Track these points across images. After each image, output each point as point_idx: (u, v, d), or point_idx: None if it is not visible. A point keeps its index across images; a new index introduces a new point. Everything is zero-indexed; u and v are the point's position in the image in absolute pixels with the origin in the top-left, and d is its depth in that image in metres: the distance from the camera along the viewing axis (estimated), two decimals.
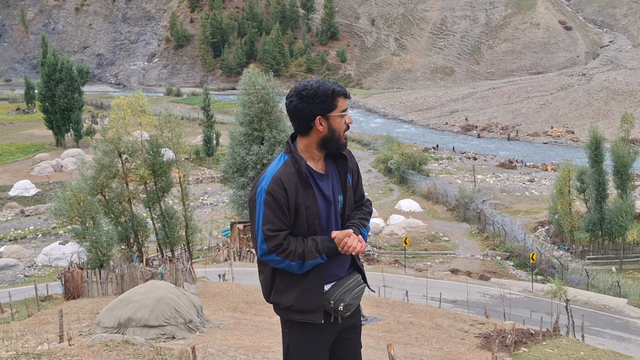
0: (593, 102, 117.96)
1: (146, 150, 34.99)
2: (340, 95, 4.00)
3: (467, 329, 20.38)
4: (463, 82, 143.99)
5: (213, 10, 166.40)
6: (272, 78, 45.03)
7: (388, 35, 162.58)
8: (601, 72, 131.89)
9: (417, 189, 64.52)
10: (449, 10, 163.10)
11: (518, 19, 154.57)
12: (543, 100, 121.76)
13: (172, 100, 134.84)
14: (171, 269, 24.17)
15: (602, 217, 48.24)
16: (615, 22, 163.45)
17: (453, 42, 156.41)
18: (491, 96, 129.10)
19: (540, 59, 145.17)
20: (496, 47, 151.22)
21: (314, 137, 4.05)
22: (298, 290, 4.06)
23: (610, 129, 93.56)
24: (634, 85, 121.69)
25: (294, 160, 4.01)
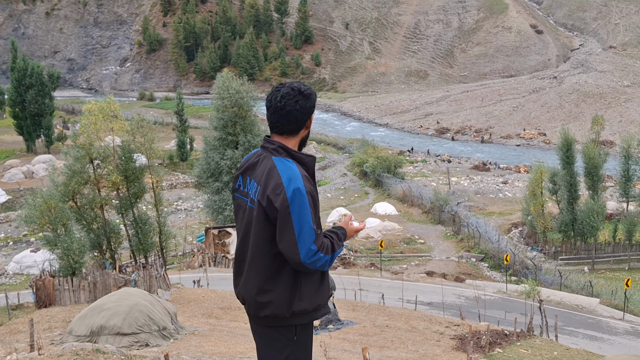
0: (564, 104, 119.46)
1: (118, 156, 34.63)
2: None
3: (442, 330, 20.44)
4: (437, 85, 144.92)
5: (186, 14, 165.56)
6: (246, 82, 44.92)
7: (362, 39, 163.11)
8: (572, 75, 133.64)
9: (392, 192, 64.73)
10: (422, 15, 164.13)
11: (490, 23, 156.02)
12: (515, 103, 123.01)
13: (145, 105, 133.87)
14: (145, 275, 23.92)
15: (574, 218, 48.80)
16: (586, 25, 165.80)
17: (426, 45, 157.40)
18: (465, 99, 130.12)
19: (513, 62, 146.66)
20: (469, 50, 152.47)
21: (298, 137, 4.11)
22: (322, 288, 4.16)
23: (581, 131, 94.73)
24: (604, 88, 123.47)
25: (307, 158, 4.13)
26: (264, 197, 3.95)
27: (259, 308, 4.11)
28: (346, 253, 43.96)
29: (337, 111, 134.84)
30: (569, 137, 50.39)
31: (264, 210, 3.96)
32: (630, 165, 51.45)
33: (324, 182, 76.14)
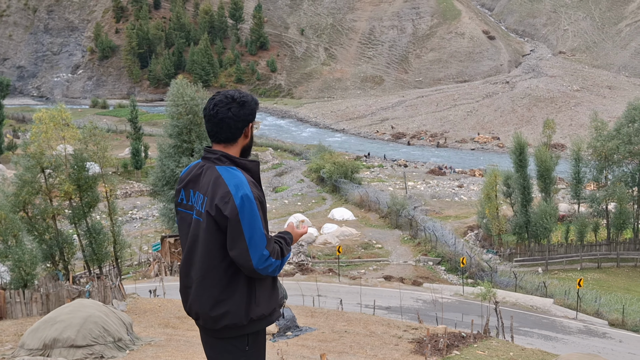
0: (517, 108, 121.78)
1: (70, 165, 34.00)
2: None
3: (400, 334, 20.53)
4: (392, 90, 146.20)
5: (139, 20, 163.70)
6: (201, 89, 44.60)
7: (318, 45, 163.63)
8: (524, 79, 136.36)
9: (349, 197, 64.96)
10: (377, 21, 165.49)
11: (444, 29, 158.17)
12: (469, 108, 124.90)
13: (97, 113, 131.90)
14: (99, 286, 23.47)
15: (528, 220, 49.69)
16: (536, 31, 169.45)
17: (382, 51, 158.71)
18: (420, 104, 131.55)
19: (466, 67, 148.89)
20: (423, 56, 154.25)
21: (239, 146, 4.10)
22: (275, 292, 4.17)
23: (534, 135, 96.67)
24: (554, 92, 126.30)
25: (251, 164, 4.11)
26: (212, 206, 3.92)
27: (216, 320, 4.06)
28: (304, 259, 43.91)
29: (293, 117, 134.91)
30: (522, 141, 51.34)
31: (214, 220, 3.93)
32: (581, 168, 52.64)
33: (281, 188, 76.01)
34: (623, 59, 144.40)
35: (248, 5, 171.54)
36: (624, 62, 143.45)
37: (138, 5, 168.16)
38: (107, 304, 20.86)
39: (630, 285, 44.62)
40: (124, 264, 40.51)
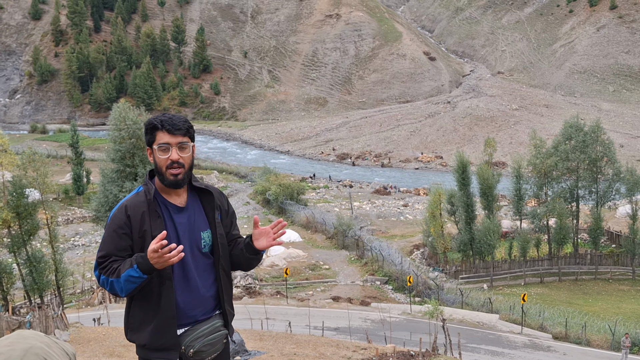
0: (458, 128, 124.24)
1: (9, 192, 33.05)
2: (159, 130, 3.98)
3: (350, 355, 20.51)
4: (336, 112, 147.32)
5: (79, 44, 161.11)
6: (143, 112, 44.11)
7: (261, 67, 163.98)
8: (464, 99, 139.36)
9: (296, 218, 64.89)
10: (320, 43, 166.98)
11: (385, 51, 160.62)
12: (412, 128, 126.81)
13: (37, 138, 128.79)
14: (40, 316, 22.77)
15: (472, 237, 50.48)
16: (475, 52, 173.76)
17: (325, 73, 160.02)
18: (364, 125, 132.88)
19: (408, 88, 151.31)
20: (366, 77, 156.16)
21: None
22: (150, 328, 3.97)
23: (475, 153, 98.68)
24: (494, 112, 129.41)
25: (146, 189, 4.00)
26: None
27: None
28: (251, 282, 43.57)
29: (237, 139, 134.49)
30: (464, 160, 52.28)
31: None
32: (522, 185, 53.89)
33: None
34: (559, 78, 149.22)
35: (190, 28, 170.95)
36: (559, 81, 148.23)
37: (78, 28, 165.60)
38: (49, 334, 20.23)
39: (572, 298, 45.75)
40: (66, 292, 39.43)
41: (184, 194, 4.09)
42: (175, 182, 3.96)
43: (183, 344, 3.96)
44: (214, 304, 4.14)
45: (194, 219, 4.08)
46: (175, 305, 3.96)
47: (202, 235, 4.08)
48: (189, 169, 4.03)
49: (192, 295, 4.03)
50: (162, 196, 4.03)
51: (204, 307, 4.08)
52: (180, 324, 4.01)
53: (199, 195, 4.14)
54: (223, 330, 4.12)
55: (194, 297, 4.03)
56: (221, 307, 4.17)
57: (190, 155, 4.04)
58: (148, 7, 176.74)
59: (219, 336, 4.06)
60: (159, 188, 4.04)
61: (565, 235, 51.59)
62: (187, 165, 4.00)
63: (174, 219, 4.01)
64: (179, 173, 3.95)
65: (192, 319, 4.04)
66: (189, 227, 4.04)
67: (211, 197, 4.13)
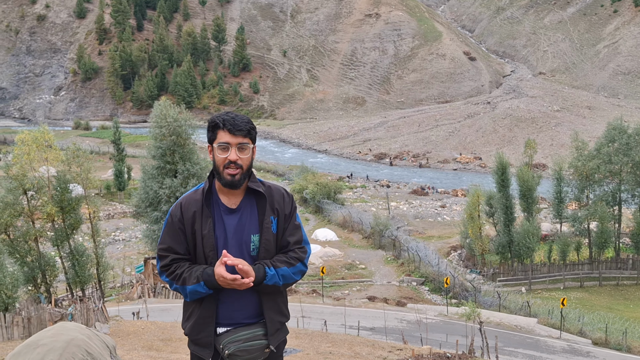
0: (498, 129, 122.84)
1: (53, 187, 33.78)
2: (220, 129, 3.99)
3: (385, 355, 20.51)
4: (374, 111, 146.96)
5: (122, 42, 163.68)
6: (184, 110, 44.50)
7: (300, 66, 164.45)
8: (504, 100, 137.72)
9: (332, 218, 64.95)
10: (359, 42, 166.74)
11: (425, 50, 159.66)
12: (451, 128, 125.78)
13: (80, 134, 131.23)
14: (82, 308, 23.26)
15: (511, 239, 49.92)
16: (516, 52, 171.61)
17: (363, 72, 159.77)
18: (402, 125, 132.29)
19: (447, 88, 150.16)
20: (405, 77, 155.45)
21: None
22: (193, 321, 4.10)
23: (515, 155, 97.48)
24: (535, 113, 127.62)
25: (204, 187, 4.08)
26: None
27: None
28: None
29: (276, 138, 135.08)
30: (504, 161, 51.72)
31: None
32: (562, 187, 53.10)
33: None
34: (602, 79, 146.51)
35: (231, 27, 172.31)
36: (602, 82, 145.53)
37: (121, 27, 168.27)
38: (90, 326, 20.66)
39: (613, 304, 44.93)
40: (106, 286, 40.16)
41: (240, 195, 4.08)
42: (231, 182, 3.97)
43: (221, 343, 4.00)
44: (256, 310, 4.11)
45: (245, 222, 4.06)
46: (215, 305, 4.01)
47: (252, 238, 4.05)
48: (247, 170, 4.02)
49: (235, 297, 4.03)
50: (217, 196, 4.06)
51: (245, 311, 4.08)
52: (221, 324, 4.05)
53: (255, 197, 4.11)
54: (263, 340, 4.07)
55: (235, 299, 4.04)
56: (262, 317, 4.13)
57: (250, 157, 4.02)
58: (189, 6, 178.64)
59: (257, 345, 4.03)
60: (217, 187, 4.07)
61: (607, 239, 50.68)
62: (245, 167, 3.99)
63: (224, 220, 4.02)
64: (236, 174, 3.95)
65: (234, 321, 4.07)
66: (238, 229, 4.04)
67: (264, 201, 4.08)
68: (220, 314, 4.05)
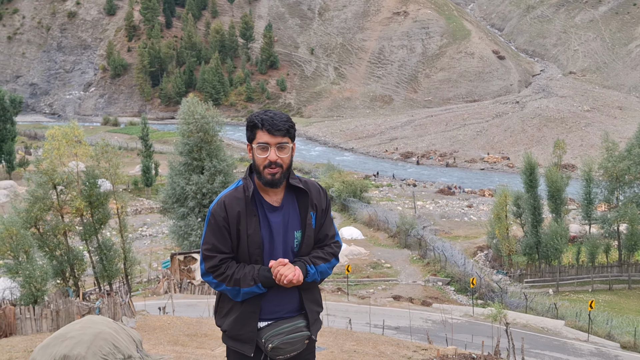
0: (527, 128, 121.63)
1: (82, 182, 34.16)
2: (259, 129, 3.99)
3: (410, 355, 20.41)
4: (401, 110, 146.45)
5: (151, 39, 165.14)
6: (211, 107, 44.77)
7: (327, 64, 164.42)
8: (534, 99, 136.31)
9: (358, 216, 64.86)
10: (387, 40, 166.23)
11: (453, 49, 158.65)
12: (479, 128, 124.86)
13: (109, 130, 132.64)
14: (109, 302, 23.50)
15: (539, 240, 49.40)
16: (546, 51, 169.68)
17: (391, 71, 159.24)
18: (429, 124, 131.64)
19: (476, 87, 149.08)
20: (433, 75, 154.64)
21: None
22: (234, 317, 4.08)
23: (544, 155, 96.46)
24: (564, 113, 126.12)
25: (245, 185, 4.04)
26: None
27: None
28: None
29: (302, 136, 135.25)
30: (532, 161, 51.18)
31: None
32: (592, 189, 52.40)
33: None
34: (633, 79, 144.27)
35: (259, 24, 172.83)
36: (634, 82, 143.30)
37: (150, 24, 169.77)
38: (117, 320, 20.88)
39: None
40: (133, 280, 40.50)
41: (281, 193, 4.10)
42: (272, 181, 3.98)
43: (263, 337, 4.02)
44: (297, 304, 4.16)
45: (288, 219, 4.09)
46: (259, 300, 4.03)
47: (295, 234, 4.09)
48: (287, 169, 4.03)
49: (278, 291, 4.06)
50: (259, 194, 4.07)
51: (287, 305, 4.12)
52: (263, 318, 4.07)
53: (295, 194, 4.13)
54: (305, 331, 4.14)
55: (278, 293, 4.07)
56: (304, 309, 4.18)
57: (289, 156, 4.03)
58: (218, 3, 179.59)
59: (299, 336, 4.09)
60: (257, 185, 4.07)
61: (637, 241, 49.89)
62: (285, 166, 4.00)
63: (269, 217, 4.03)
64: (276, 173, 3.96)
65: (276, 315, 4.09)
66: (283, 226, 4.06)
67: (306, 197, 4.11)
68: (263, 309, 4.08)
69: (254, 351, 4.07)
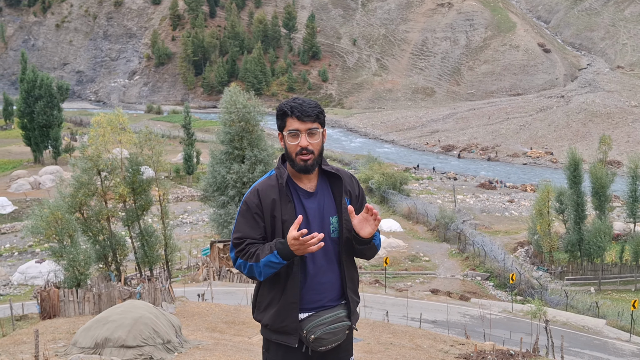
0: (572, 123, 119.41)
1: (126, 168, 34.72)
2: (289, 116, 4.01)
3: (447, 349, 20.31)
4: (443, 102, 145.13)
5: (195, 28, 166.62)
6: (253, 97, 45.00)
7: (369, 55, 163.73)
8: (579, 94, 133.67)
9: (397, 208, 64.62)
10: (430, 32, 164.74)
11: (498, 41, 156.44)
12: (522, 122, 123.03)
13: (152, 118, 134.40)
14: (149, 288, 23.88)
15: (581, 238, 48.56)
16: (593, 45, 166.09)
17: (434, 63, 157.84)
18: (471, 117, 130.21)
19: (520, 80, 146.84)
20: (476, 68, 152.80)
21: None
22: (274, 310, 4.07)
23: (589, 151, 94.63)
24: (611, 108, 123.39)
25: (279, 174, 4.07)
26: None
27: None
28: None
29: (343, 127, 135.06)
30: (577, 157, 50.26)
31: None
32: (638, 186, 51.28)
33: None
34: None
35: (301, 15, 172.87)
36: None
37: (194, 13, 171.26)
38: (157, 305, 21.22)
39: None
40: (173, 267, 41.11)
41: (315, 179, 4.12)
42: (304, 167, 3.99)
43: (305, 328, 4.01)
44: (339, 292, 4.14)
45: (324, 204, 4.10)
46: (298, 290, 4.01)
47: (331, 220, 4.09)
48: (319, 155, 4.04)
49: (317, 280, 4.06)
50: (293, 181, 4.09)
51: (328, 293, 4.11)
52: (304, 309, 4.06)
53: (328, 180, 4.15)
54: (346, 321, 4.12)
55: (318, 282, 4.06)
56: (346, 296, 4.16)
57: (320, 141, 4.05)
58: None
59: (341, 326, 4.07)
60: (290, 173, 4.09)
61: None
62: (316, 151, 4.01)
63: (304, 204, 4.05)
64: (308, 159, 3.98)
65: (317, 305, 4.08)
66: (318, 212, 4.07)
67: (340, 182, 4.12)
68: (302, 299, 4.06)
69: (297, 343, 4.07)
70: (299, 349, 4.09)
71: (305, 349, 4.09)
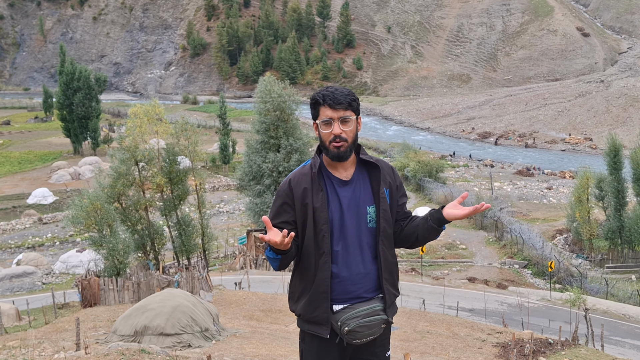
0: (611, 108, 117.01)
1: (163, 159, 35.11)
2: (322, 105, 3.98)
3: (484, 338, 20.18)
4: (480, 89, 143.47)
5: (229, 18, 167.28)
6: (288, 86, 45.03)
7: (404, 42, 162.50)
8: (620, 78, 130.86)
9: (433, 196, 64.19)
10: (466, 18, 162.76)
11: (535, 26, 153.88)
12: (561, 107, 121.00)
13: (188, 109, 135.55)
14: (187, 277, 24.18)
15: (622, 225, 47.67)
16: (634, 28, 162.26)
17: (469, 49, 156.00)
18: (508, 103, 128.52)
19: (558, 65, 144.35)
20: (513, 54, 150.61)
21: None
22: (305, 299, 4.06)
23: (629, 136, 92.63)
24: None
25: (313, 163, 4.07)
26: None
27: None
28: None
29: (378, 115, 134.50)
30: (617, 143, 49.27)
31: None
32: None
33: None
34: None
35: (335, 3, 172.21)
36: None
37: (229, 3, 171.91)
38: (194, 294, 21.47)
39: None
40: (210, 256, 41.51)
41: (351, 168, 4.08)
42: (338, 155, 3.95)
43: (339, 320, 3.95)
44: (375, 284, 4.08)
45: (360, 193, 4.05)
46: (329, 280, 3.96)
47: (368, 209, 4.04)
48: (353, 143, 3.99)
49: (353, 271, 4.00)
50: (327, 170, 4.06)
51: (364, 285, 4.04)
52: (338, 300, 4.00)
53: (366, 169, 4.11)
54: (382, 315, 4.04)
55: (354, 272, 4.00)
56: (382, 289, 4.09)
57: (354, 129, 4.00)
58: None
59: (376, 320, 4.00)
60: (325, 162, 4.06)
61: None
62: (350, 139, 3.96)
63: (338, 192, 4.01)
64: (341, 146, 3.94)
65: (352, 296, 4.02)
66: (353, 201, 4.03)
67: (378, 172, 4.08)
68: (335, 290, 4.01)
69: (330, 334, 4.01)
70: (332, 340, 4.03)
71: (340, 340, 4.04)
